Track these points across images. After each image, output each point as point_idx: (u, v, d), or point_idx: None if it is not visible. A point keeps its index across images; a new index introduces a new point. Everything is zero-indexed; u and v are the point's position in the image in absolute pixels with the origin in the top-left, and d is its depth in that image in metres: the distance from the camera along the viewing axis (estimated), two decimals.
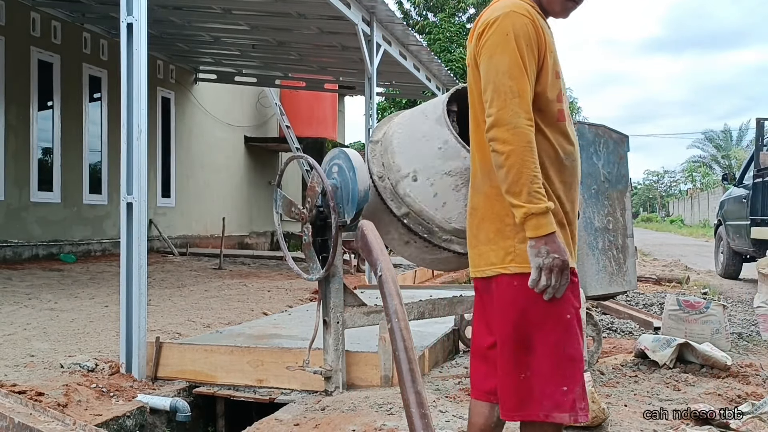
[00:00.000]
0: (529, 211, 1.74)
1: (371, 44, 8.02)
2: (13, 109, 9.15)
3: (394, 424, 2.87)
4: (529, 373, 1.82)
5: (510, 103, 1.77)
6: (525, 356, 1.83)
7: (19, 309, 5.62)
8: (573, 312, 1.84)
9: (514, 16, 1.82)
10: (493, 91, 1.80)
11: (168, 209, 12.53)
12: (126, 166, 3.73)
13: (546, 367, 1.81)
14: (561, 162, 1.89)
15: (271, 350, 3.75)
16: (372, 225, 2.24)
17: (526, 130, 1.77)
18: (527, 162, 1.75)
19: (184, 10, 9.04)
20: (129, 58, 3.74)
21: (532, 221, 1.74)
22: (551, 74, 1.88)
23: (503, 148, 1.77)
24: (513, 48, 1.80)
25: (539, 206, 1.74)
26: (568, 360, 1.81)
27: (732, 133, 48.68)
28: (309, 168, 3.97)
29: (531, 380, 1.82)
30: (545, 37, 1.87)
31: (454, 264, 3.93)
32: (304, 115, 15.55)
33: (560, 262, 1.75)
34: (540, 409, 1.81)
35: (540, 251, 1.75)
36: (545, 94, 1.87)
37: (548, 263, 1.74)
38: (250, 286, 7.89)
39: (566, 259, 1.77)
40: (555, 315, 1.81)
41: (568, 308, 1.82)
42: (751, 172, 9.56)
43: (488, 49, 1.84)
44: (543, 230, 1.74)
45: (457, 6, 21.71)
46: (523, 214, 1.75)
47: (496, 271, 1.88)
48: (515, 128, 1.76)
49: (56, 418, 2.67)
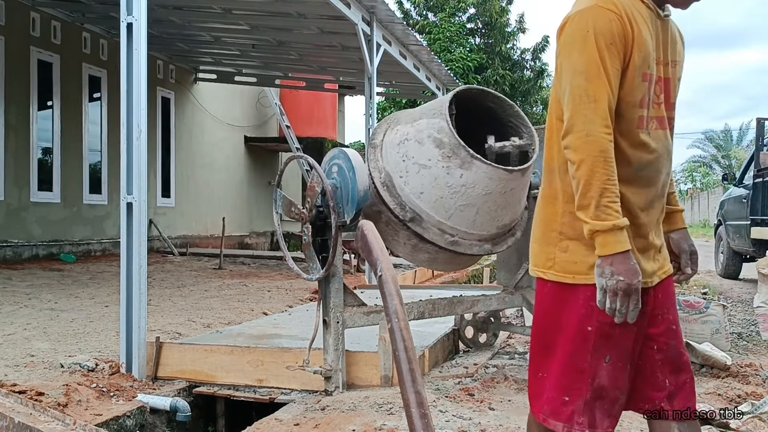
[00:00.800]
0: (594, 227, 1.63)
1: (371, 44, 8.02)
2: (13, 108, 9.15)
3: (394, 424, 2.87)
4: (544, 375, 1.81)
5: (584, 108, 1.65)
6: (545, 357, 1.82)
7: (19, 309, 5.62)
8: (596, 325, 1.73)
9: (597, 11, 1.67)
10: (569, 94, 1.68)
11: (168, 209, 12.53)
12: (126, 166, 3.73)
13: (555, 373, 1.78)
14: (633, 173, 1.75)
15: (271, 350, 3.75)
16: (372, 225, 2.23)
17: (601, 138, 1.63)
18: (597, 173, 1.62)
19: (184, 10, 9.04)
20: (129, 58, 3.74)
21: (599, 239, 1.63)
22: (637, 75, 1.71)
23: (574, 156, 1.65)
24: (592, 47, 1.66)
25: (605, 223, 1.62)
26: (575, 371, 1.75)
27: (732, 133, 48.69)
28: (309, 168, 3.97)
29: (544, 381, 1.81)
30: (635, 33, 1.69)
31: (454, 264, 3.93)
32: (304, 115, 15.56)
33: (624, 285, 1.61)
34: (541, 410, 1.81)
35: (604, 271, 1.63)
36: (626, 98, 1.72)
37: (611, 285, 1.62)
38: (250, 286, 7.89)
39: (632, 282, 1.62)
40: (575, 324, 1.75)
41: (590, 320, 1.73)
42: (751, 172, 9.56)
43: (566, 47, 1.71)
44: (609, 249, 1.62)
45: (457, 6, 21.69)
46: (588, 231, 1.64)
47: (537, 274, 1.86)
48: (587, 136, 1.64)
49: (56, 418, 2.67)
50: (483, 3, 21.48)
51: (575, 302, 1.76)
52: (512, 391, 3.46)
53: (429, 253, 3.62)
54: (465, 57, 20.37)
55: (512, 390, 3.48)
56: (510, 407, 3.20)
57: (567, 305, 1.77)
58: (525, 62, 22.71)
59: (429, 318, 3.88)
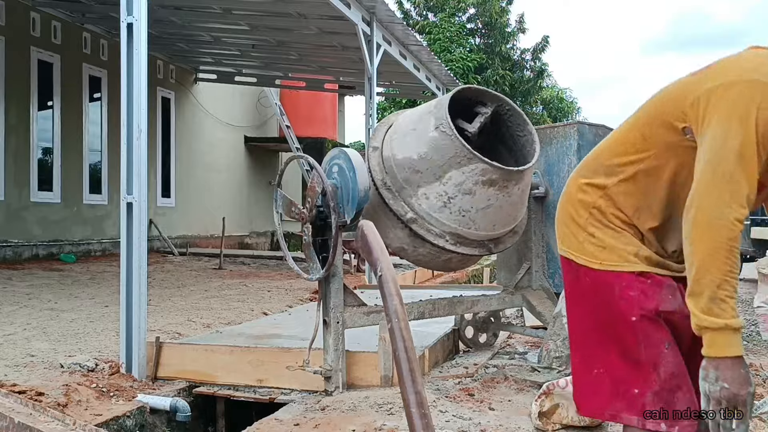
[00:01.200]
0: (702, 323, 1.46)
1: (371, 44, 8.02)
2: (13, 109, 9.15)
3: (394, 424, 2.87)
4: (601, 370, 1.71)
5: (724, 187, 1.47)
6: (596, 352, 1.73)
7: (19, 309, 5.62)
8: (639, 314, 1.64)
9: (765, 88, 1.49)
10: (711, 163, 1.49)
11: (168, 209, 12.53)
12: (126, 166, 3.73)
13: (615, 366, 1.69)
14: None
15: (271, 350, 3.75)
16: (372, 225, 2.23)
17: (732, 225, 1.46)
18: (719, 261, 1.45)
19: (184, 10, 9.04)
20: (129, 58, 3.74)
21: (707, 336, 1.47)
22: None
23: (695, 235, 1.49)
24: (753, 125, 1.47)
25: (716, 320, 1.44)
26: (635, 363, 1.66)
27: None
28: (309, 168, 3.97)
29: (602, 377, 1.71)
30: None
31: (454, 264, 3.93)
32: (304, 115, 15.55)
33: (729, 395, 1.45)
34: (605, 408, 1.72)
35: (708, 375, 1.48)
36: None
37: (715, 393, 1.47)
38: (250, 286, 7.89)
39: (740, 393, 1.46)
40: (618, 315, 1.66)
41: (632, 310, 1.64)
42: None
43: (728, 106, 1.50)
44: (717, 351, 1.46)
45: (457, 6, 21.70)
46: (695, 326, 1.48)
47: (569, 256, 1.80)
48: (719, 219, 1.47)
49: (56, 418, 2.67)
50: (483, 3, 21.48)
51: (611, 292, 1.68)
52: (512, 391, 3.46)
53: (430, 253, 3.62)
54: (465, 57, 20.38)
55: (512, 390, 3.48)
56: (510, 407, 3.20)
57: (604, 294, 1.69)
58: (525, 62, 22.73)
59: (429, 318, 3.88)
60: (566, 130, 4.09)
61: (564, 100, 24.31)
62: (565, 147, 4.05)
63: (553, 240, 4.03)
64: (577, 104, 24.67)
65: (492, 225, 3.54)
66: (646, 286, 1.68)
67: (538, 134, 3.70)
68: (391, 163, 3.51)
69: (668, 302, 1.68)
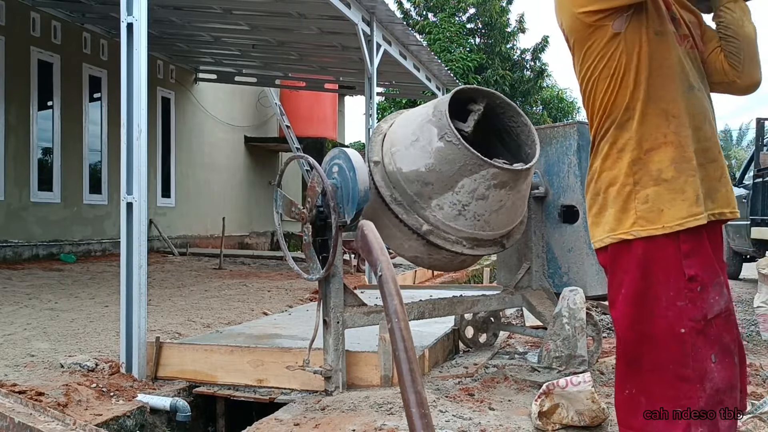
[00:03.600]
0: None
1: (371, 44, 8.02)
2: (13, 109, 9.15)
3: (394, 424, 2.87)
4: (635, 389, 1.63)
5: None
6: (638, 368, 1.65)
7: (19, 309, 5.62)
8: (689, 325, 1.57)
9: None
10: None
11: (168, 209, 12.53)
12: (126, 166, 3.73)
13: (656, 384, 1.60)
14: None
15: (271, 350, 3.75)
16: (372, 225, 2.23)
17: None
18: None
19: (184, 10, 9.04)
20: (129, 58, 3.74)
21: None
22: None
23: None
24: None
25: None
26: (680, 380, 1.59)
27: (732, 133, 48.68)
28: (309, 168, 3.97)
29: (638, 397, 1.63)
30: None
31: (468, 263, 3.94)
32: (304, 115, 15.56)
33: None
34: (643, 428, 1.64)
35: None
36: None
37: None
38: (250, 286, 7.89)
39: None
40: (665, 329, 1.58)
41: (681, 321, 1.57)
42: (751, 172, 9.56)
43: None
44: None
45: (457, 6, 21.69)
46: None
47: (619, 237, 1.73)
48: None
49: (56, 418, 2.67)
50: (483, 3, 21.46)
51: (663, 274, 1.58)
52: (512, 391, 3.46)
53: (430, 253, 3.62)
54: (465, 57, 20.36)
55: (512, 390, 3.48)
56: (510, 407, 3.20)
57: (655, 284, 1.59)
58: (525, 62, 22.69)
59: (429, 318, 3.88)
60: (566, 130, 4.09)
61: (564, 100, 24.25)
62: (565, 147, 4.05)
63: (553, 240, 4.05)
64: (577, 104, 24.62)
65: (505, 223, 3.56)
66: (695, 294, 1.60)
67: (538, 134, 3.71)
68: (397, 177, 3.50)
69: (716, 305, 1.61)
